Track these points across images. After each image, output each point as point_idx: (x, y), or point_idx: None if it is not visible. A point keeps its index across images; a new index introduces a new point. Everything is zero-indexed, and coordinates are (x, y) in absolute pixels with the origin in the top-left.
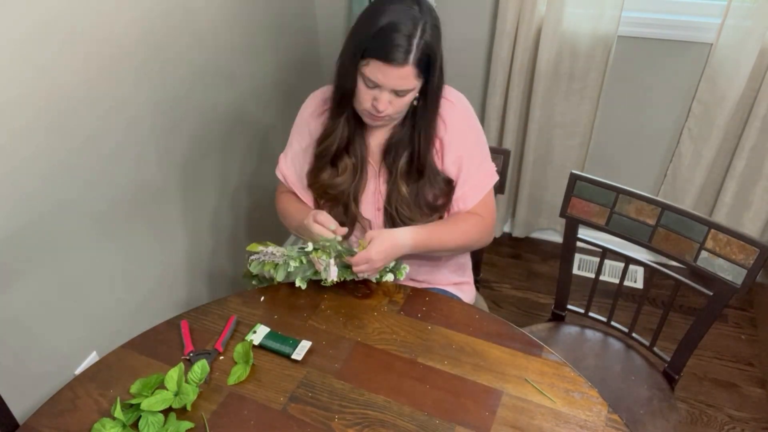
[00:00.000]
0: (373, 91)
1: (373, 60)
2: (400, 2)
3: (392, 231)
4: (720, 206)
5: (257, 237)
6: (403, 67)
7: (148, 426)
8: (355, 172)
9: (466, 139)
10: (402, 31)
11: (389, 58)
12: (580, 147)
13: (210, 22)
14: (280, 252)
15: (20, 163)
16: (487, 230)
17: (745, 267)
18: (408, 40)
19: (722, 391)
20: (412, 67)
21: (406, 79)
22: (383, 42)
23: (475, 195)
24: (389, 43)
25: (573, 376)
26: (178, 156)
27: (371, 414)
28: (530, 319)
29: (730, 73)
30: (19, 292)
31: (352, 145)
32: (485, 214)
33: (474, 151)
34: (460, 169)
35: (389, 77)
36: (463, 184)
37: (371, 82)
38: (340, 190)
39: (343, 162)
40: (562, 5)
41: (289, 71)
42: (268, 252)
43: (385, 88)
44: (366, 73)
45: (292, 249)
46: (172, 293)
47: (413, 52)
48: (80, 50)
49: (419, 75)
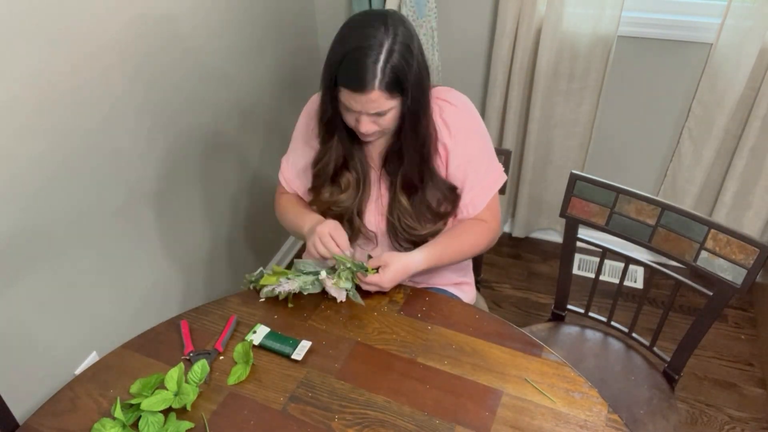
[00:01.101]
0: (353, 114)
1: (343, 88)
2: (366, 25)
3: (405, 256)
4: (720, 206)
5: (256, 237)
6: (370, 92)
7: (148, 426)
8: (357, 186)
9: (471, 144)
10: (364, 59)
11: (355, 87)
12: (580, 147)
13: (210, 23)
14: (297, 285)
15: (20, 165)
16: (493, 235)
17: (745, 267)
18: (373, 66)
19: (722, 391)
20: (379, 92)
21: (377, 102)
22: (347, 70)
23: (483, 200)
24: (353, 71)
25: (573, 376)
26: (178, 157)
27: (371, 414)
28: (530, 319)
29: (730, 73)
30: (20, 293)
31: (351, 160)
32: (490, 218)
33: (480, 156)
34: (467, 174)
35: (360, 103)
36: (470, 190)
37: (346, 107)
38: (344, 207)
39: (344, 178)
40: (562, 5)
41: (289, 72)
42: (284, 287)
43: (361, 111)
44: (341, 98)
45: (306, 278)
46: (172, 293)
47: (378, 77)
48: (80, 52)
49: (391, 96)
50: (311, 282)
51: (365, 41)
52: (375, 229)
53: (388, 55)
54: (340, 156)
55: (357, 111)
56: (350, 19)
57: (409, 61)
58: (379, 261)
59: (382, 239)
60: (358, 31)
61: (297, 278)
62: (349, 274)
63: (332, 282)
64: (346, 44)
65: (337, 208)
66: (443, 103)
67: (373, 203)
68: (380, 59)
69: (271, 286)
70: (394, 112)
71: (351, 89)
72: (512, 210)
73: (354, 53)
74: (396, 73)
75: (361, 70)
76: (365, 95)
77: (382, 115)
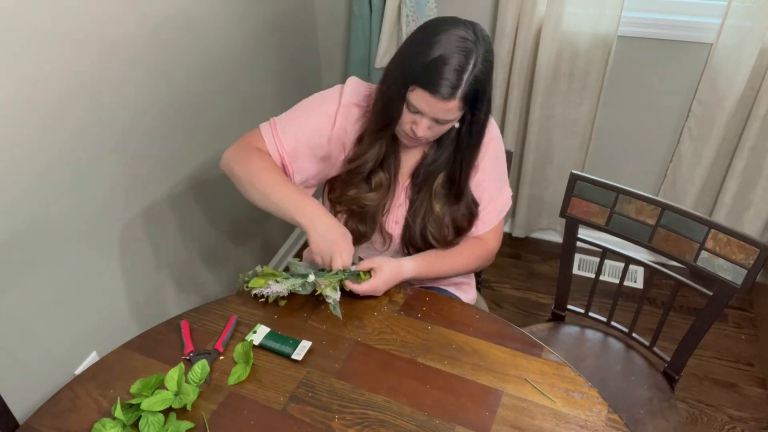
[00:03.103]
0: (414, 116)
1: (420, 89)
2: (455, 28)
3: (398, 262)
4: (720, 206)
5: (255, 236)
6: (449, 101)
7: (148, 426)
8: (388, 188)
9: (493, 164)
10: (453, 65)
11: (436, 92)
12: (580, 147)
13: (210, 21)
14: (285, 287)
15: (20, 164)
16: (490, 256)
17: (745, 267)
18: (458, 74)
19: (722, 391)
20: (458, 101)
21: (450, 111)
22: (432, 74)
23: (493, 221)
24: (438, 76)
25: (573, 376)
26: (178, 159)
27: (371, 414)
28: (530, 319)
29: (730, 73)
30: (20, 293)
31: (386, 161)
32: (491, 239)
33: (497, 177)
34: (482, 194)
35: (433, 108)
36: (482, 209)
37: (414, 107)
38: (368, 207)
39: (377, 177)
40: (562, 5)
41: (289, 70)
42: (272, 289)
43: (427, 115)
44: (410, 99)
45: (295, 280)
46: (172, 293)
47: (461, 87)
48: (81, 51)
49: (464, 107)
50: (300, 284)
51: (456, 47)
52: (392, 232)
53: (474, 66)
54: (381, 155)
55: (422, 114)
56: (438, 20)
57: (489, 77)
58: (372, 263)
59: (395, 243)
60: (449, 32)
61: (286, 281)
62: (337, 283)
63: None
64: (434, 47)
65: (360, 206)
66: (486, 129)
67: (392, 210)
68: (467, 69)
69: (260, 289)
70: (453, 122)
71: (430, 92)
72: (512, 210)
73: (443, 59)
74: (476, 86)
75: (448, 77)
76: (443, 102)
77: (443, 123)
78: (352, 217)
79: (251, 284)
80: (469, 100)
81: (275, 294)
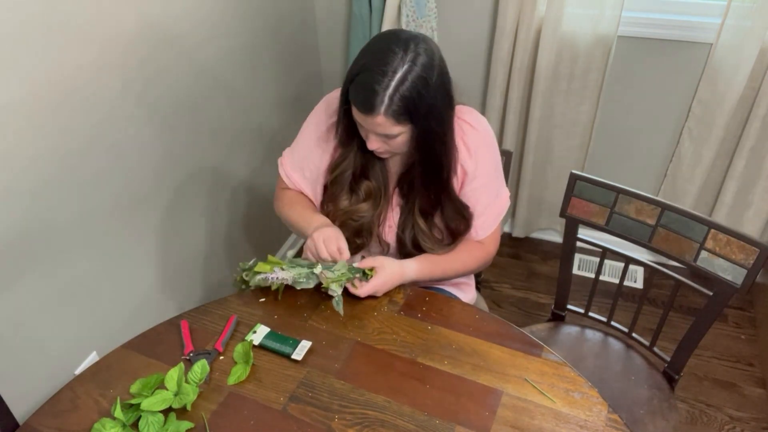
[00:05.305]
0: (364, 130)
1: (353, 104)
2: (384, 48)
3: (400, 262)
4: (720, 206)
5: (255, 237)
6: (376, 116)
7: (148, 426)
8: (378, 196)
9: (487, 168)
10: (372, 83)
11: (361, 108)
12: (580, 147)
13: (209, 22)
14: (291, 276)
15: (21, 165)
16: (488, 258)
17: (745, 267)
18: (383, 92)
19: (722, 391)
20: (385, 117)
21: (383, 126)
22: (357, 89)
23: (492, 225)
24: (362, 92)
25: (573, 376)
26: (177, 159)
27: (371, 414)
28: (530, 319)
29: (730, 73)
30: (20, 293)
31: (371, 169)
32: (490, 243)
33: (494, 181)
34: (479, 198)
35: (367, 123)
36: (480, 214)
37: (357, 122)
38: (364, 219)
39: (364, 186)
40: (562, 5)
41: (288, 71)
42: (278, 275)
43: (368, 130)
44: (352, 113)
45: (301, 270)
46: (172, 293)
47: (385, 104)
48: (81, 54)
49: (399, 123)
50: (305, 275)
51: (379, 64)
52: (390, 240)
53: (399, 84)
54: (359, 164)
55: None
56: (378, 36)
57: (421, 93)
58: (375, 261)
59: (393, 249)
60: (377, 52)
61: (291, 269)
62: (342, 280)
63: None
64: (362, 62)
65: (356, 220)
66: (466, 126)
67: (390, 214)
68: (390, 86)
69: (265, 274)
70: (404, 136)
71: (357, 108)
72: (512, 210)
73: (365, 74)
74: (405, 102)
75: (369, 93)
76: (371, 118)
77: (391, 137)
78: (348, 231)
79: (257, 268)
80: (400, 115)
81: (280, 281)
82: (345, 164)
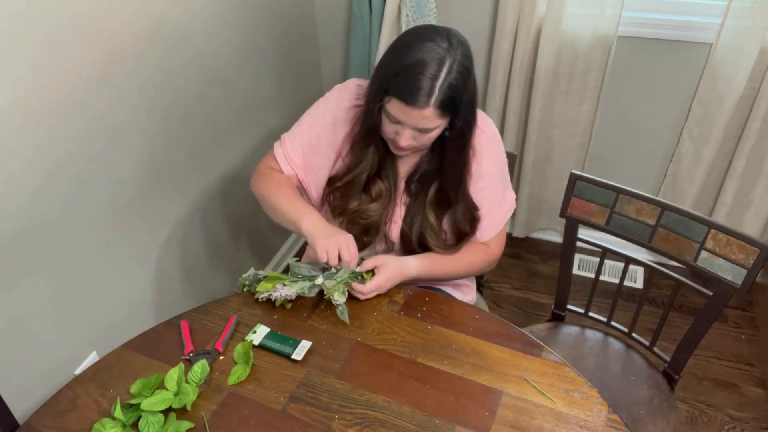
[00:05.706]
0: (395, 126)
1: (395, 99)
2: (429, 38)
3: (401, 260)
4: (720, 206)
5: (256, 237)
6: (424, 109)
7: (148, 426)
8: (388, 197)
9: (493, 169)
10: (425, 73)
11: (409, 100)
12: (580, 147)
13: (208, 20)
14: (294, 291)
15: (20, 165)
16: (493, 260)
17: (745, 267)
18: (431, 82)
19: (722, 391)
20: (433, 109)
21: (427, 119)
22: (405, 83)
23: (497, 227)
24: (411, 84)
25: (573, 376)
26: (176, 158)
27: (371, 414)
28: (530, 319)
29: (730, 73)
30: (20, 293)
31: (384, 169)
32: (495, 245)
33: (499, 183)
34: (484, 199)
35: (410, 117)
36: (486, 216)
37: (393, 118)
38: (372, 218)
39: (376, 187)
40: (562, 5)
41: (288, 70)
42: (280, 292)
43: (407, 125)
44: (388, 109)
45: (303, 284)
46: (172, 293)
47: (435, 95)
48: (77, 55)
49: (443, 115)
50: (308, 288)
51: (428, 55)
52: (395, 238)
53: (448, 73)
54: (375, 165)
55: (402, 124)
56: (412, 30)
57: (466, 82)
58: (376, 261)
59: (398, 247)
60: (422, 42)
61: (293, 284)
62: (345, 287)
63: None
64: (406, 54)
65: (365, 218)
66: (472, 134)
67: (395, 212)
68: (440, 76)
69: (268, 292)
70: (438, 131)
71: (404, 101)
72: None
73: (414, 66)
74: (452, 93)
75: (420, 84)
76: (418, 110)
77: (426, 132)
78: (356, 228)
79: (259, 287)
80: (446, 107)
81: (283, 297)
82: (362, 166)
